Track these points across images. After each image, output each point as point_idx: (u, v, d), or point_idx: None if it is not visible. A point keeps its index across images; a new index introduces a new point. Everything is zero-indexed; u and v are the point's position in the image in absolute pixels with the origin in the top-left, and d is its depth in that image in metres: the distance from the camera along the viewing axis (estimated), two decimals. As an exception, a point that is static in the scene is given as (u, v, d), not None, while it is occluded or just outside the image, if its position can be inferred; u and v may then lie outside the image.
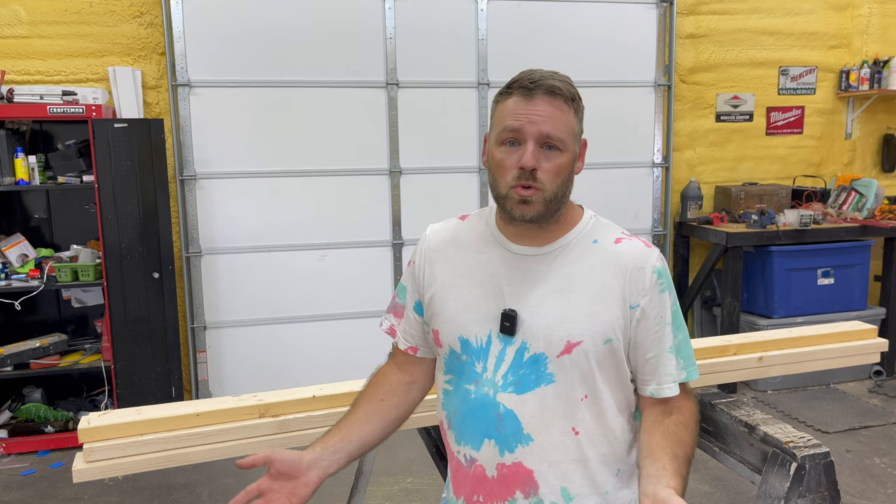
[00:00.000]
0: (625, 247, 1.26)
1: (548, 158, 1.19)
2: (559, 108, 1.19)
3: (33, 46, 3.83)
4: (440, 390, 1.37)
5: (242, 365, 4.15)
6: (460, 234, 1.36)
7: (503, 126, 1.20)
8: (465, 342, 1.28)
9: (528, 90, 1.18)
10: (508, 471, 1.25)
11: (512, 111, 1.19)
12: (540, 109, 1.18)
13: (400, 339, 1.43)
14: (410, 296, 1.40)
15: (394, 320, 1.45)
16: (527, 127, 1.18)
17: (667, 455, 1.20)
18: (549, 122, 1.17)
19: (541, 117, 1.17)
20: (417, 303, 1.38)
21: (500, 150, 1.21)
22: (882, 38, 5.05)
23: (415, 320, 1.40)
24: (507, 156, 1.20)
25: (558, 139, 1.18)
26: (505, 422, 1.24)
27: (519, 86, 1.20)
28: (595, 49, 4.41)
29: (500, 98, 1.24)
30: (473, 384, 1.27)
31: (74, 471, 1.64)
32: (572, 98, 1.21)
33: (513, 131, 1.19)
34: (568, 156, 1.21)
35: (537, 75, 1.20)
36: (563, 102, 1.19)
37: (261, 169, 4.06)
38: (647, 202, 4.69)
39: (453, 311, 1.30)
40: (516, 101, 1.19)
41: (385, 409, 1.39)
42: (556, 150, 1.19)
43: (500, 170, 1.21)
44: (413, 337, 1.41)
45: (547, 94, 1.18)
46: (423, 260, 1.37)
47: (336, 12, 4.04)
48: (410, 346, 1.41)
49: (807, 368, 2.24)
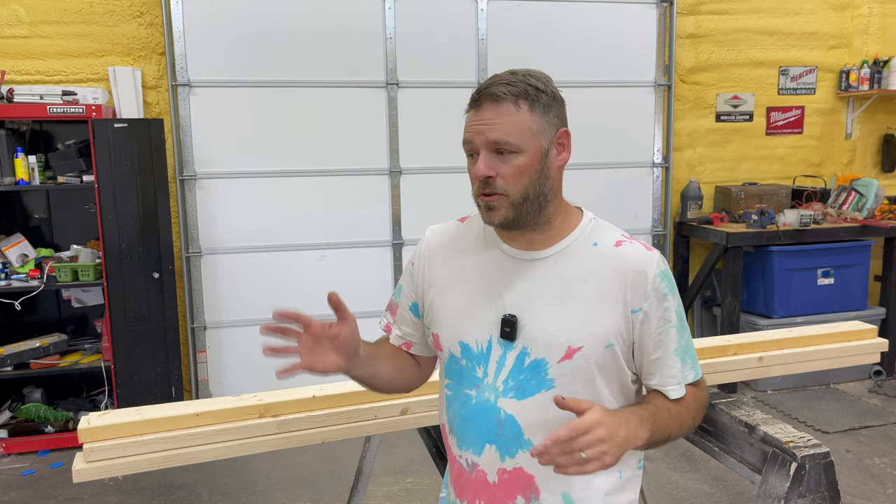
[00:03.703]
0: (625, 250, 1.24)
1: (504, 162, 1.19)
2: (505, 112, 1.18)
3: (33, 46, 3.83)
4: (441, 394, 1.38)
5: (242, 365, 4.15)
6: (460, 236, 1.36)
7: (463, 139, 1.23)
8: (465, 347, 1.28)
9: (475, 101, 1.21)
10: (509, 476, 1.25)
11: (467, 124, 1.22)
12: (486, 117, 1.19)
13: (393, 335, 1.43)
14: (406, 296, 1.40)
15: (390, 318, 1.45)
16: (475, 137, 1.20)
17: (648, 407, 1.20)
18: (495, 128, 1.18)
19: (487, 125, 1.18)
20: (414, 304, 1.39)
21: (468, 161, 1.24)
22: (882, 38, 5.05)
23: (410, 319, 1.40)
24: (471, 167, 1.23)
25: (508, 143, 1.18)
26: (506, 427, 1.24)
27: (470, 97, 1.22)
28: (595, 49, 4.41)
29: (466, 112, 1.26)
30: (474, 389, 1.27)
31: (74, 471, 1.64)
32: (524, 96, 1.19)
33: (467, 143, 1.22)
34: (528, 156, 1.19)
35: (486, 83, 1.21)
36: (509, 105, 1.18)
37: (261, 169, 4.06)
38: (647, 202, 4.69)
39: (453, 315, 1.30)
40: (470, 114, 1.22)
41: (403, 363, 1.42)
42: (510, 154, 1.18)
43: (471, 181, 1.24)
44: (409, 336, 1.42)
45: (491, 101, 1.19)
46: (422, 262, 1.37)
47: (336, 12, 4.04)
48: (404, 342, 1.42)
49: (807, 368, 2.25)
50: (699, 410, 1.29)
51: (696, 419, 1.28)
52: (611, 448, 1.06)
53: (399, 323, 1.42)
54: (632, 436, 1.12)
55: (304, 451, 3.66)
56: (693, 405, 1.26)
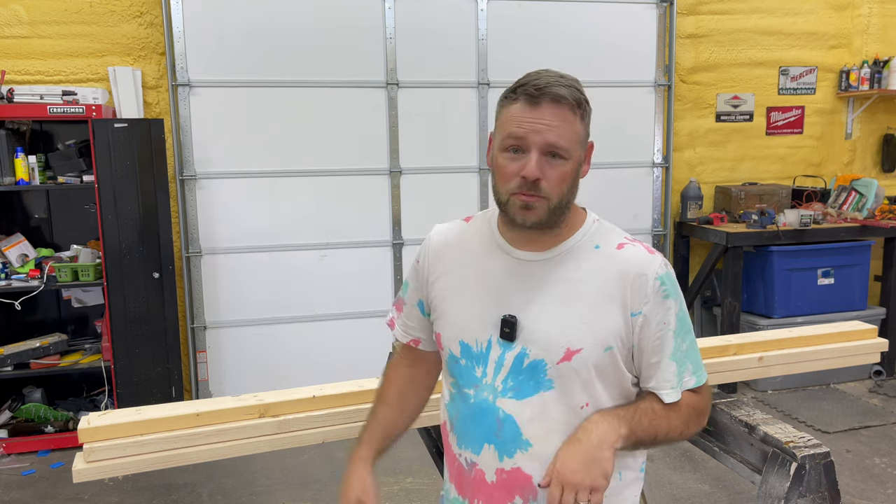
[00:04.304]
0: (627, 252, 1.23)
1: (552, 167, 1.16)
2: (564, 117, 1.15)
3: (33, 46, 3.83)
4: (444, 392, 1.38)
5: (242, 365, 4.15)
6: (464, 236, 1.35)
7: (507, 132, 1.17)
8: (465, 346, 1.28)
9: (533, 97, 1.15)
10: (508, 476, 1.25)
11: (516, 118, 1.16)
12: (545, 118, 1.14)
13: (399, 332, 1.45)
14: (413, 293, 1.41)
15: (395, 313, 1.46)
16: (531, 136, 1.15)
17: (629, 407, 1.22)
18: (554, 131, 1.14)
19: (546, 126, 1.14)
20: (420, 302, 1.40)
21: (504, 156, 1.18)
22: (882, 38, 5.05)
23: (417, 316, 1.41)
24: (509, 162, 1.17)
25: (563, 148, 1.15)
26: (504, 427, 1.24)
27: (524, 91, 1.16)
28: (595, 49, 4.41)
29: (505, 101, 1.20)
30: (473, 388, 1.27)
31: (74, 471, 1.64)
32: (578, 104, 1.17)
33: (517, 139, 1.16)
34: (573, 163, 1.18)
35: (543, 81, 1.16)
36: (568, 110, 1.16)
37: (261, 169, 4.06)
38: (647, 202, 4.69)
39: (455, 315, 1.30)
40: (521, 108, 1.16)
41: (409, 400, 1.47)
42: (560, 159, 1.16)
43: (502, 176, 1.19)
44: (414, 329, 1.43)
45: (552, 103, 1.14)
46: (426, 261, 1.37)
47: (336, 12, 4.04)
48: (412, 339, 1.44)
49: (807, 368, 2.24)
50: (693, 417, 1.26)
51: (689, 425, 1.26)
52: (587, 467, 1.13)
53: (406, 319, 1.44)
54: (606, 431, 1.16)
55: (304, 451, 3.66)
56: (685, 410, 1.25)
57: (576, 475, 1.12)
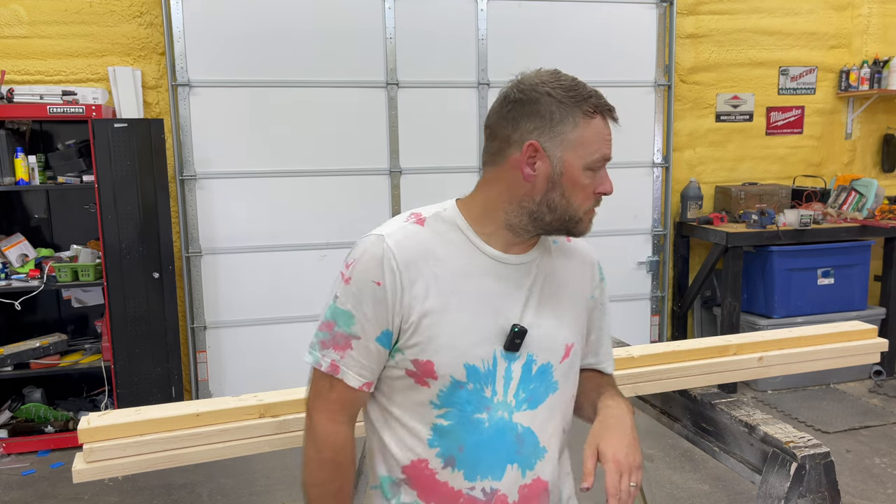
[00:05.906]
0: (576, 243, 1.33)
1: None
2: None
3: (33, 46, 3.83)
4: (426, 428, 1.18)
5: (242, 365, 4.15)
6: (432, 244, 1.17)
7: (599, 154, 1.16)
8: (471, 369, 1.15)
9: (610, 113, 1.18)
10: (529, 489, 1.21)
11: (604, 137, 1.17)
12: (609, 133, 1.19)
13: (351, 376, 1.17)
14: (371, 324, 1.15)
15: (335, 355, 1.17)
16: (609, 153, 1.19)
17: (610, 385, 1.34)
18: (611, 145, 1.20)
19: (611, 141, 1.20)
20: (386, 332, 1.16)
21: (588, 174, 1.17)
22: (882, 38, 5.05)
23: (376, 351, 1.17)
24: (588, 180, 1.17)
25: None
26: (525, 442, 1.20)
27: (601, 107, 1.16)
28: (595, 49, 4.41)
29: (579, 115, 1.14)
30: (485, 412, 1.17)
31: (74, 471, 1.64)
32: None
33: (605, 159, 1.18)
34: None
35: (594, 92, 1.18)
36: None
37: (261, 169, 4.06)
38: (647, 202, 4.69)
39: (450, 336, 1.14)
40: (604, 125, 1.17)
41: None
42: None
43: (582, 194, 1.17)
44: (371, 371, 1.18)
45: (610, 117, 1.19)
46: (394, 280, 1.14)
47: (336, 12, 4.04)
48: (366, 382, 1.18)
49: (807, 368, 2.24)
50: None
51: None
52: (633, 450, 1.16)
53: (359, 357, 1.16)
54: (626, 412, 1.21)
55: (304, 451, 3.66)
56: None
57: (629, 458, 1.14)
